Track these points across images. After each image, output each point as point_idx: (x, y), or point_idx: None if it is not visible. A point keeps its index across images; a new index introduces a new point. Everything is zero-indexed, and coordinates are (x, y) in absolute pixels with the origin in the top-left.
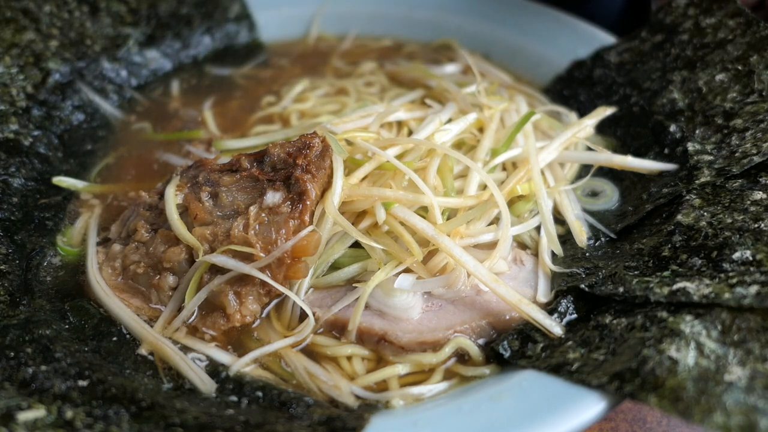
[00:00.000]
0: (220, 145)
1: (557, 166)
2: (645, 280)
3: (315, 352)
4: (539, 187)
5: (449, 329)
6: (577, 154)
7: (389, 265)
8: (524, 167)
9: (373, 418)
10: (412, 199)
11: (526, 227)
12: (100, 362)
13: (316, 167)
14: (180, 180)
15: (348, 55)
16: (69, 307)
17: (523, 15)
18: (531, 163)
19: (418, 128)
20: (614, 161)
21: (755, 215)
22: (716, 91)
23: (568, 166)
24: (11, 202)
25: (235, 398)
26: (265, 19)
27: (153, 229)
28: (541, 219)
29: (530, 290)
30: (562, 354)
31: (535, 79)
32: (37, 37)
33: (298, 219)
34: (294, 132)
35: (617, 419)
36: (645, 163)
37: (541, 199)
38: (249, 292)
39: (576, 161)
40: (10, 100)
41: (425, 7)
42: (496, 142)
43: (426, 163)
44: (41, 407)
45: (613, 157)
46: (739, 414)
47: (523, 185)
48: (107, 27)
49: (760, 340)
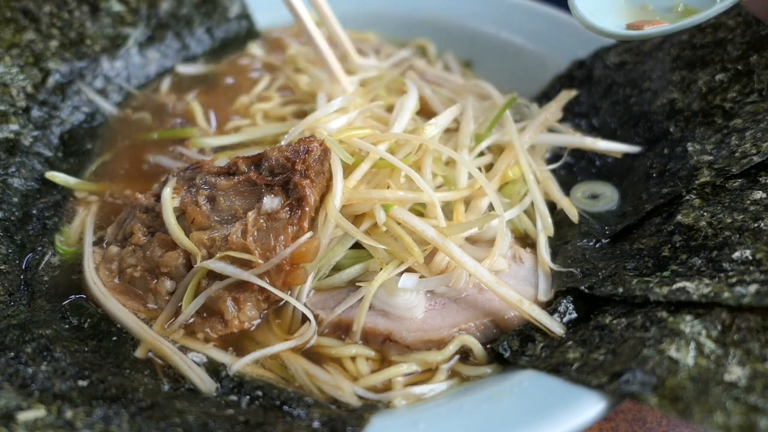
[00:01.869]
0: (197, 143)
1: (533, 149)
2: (645, 280)
3: (320, 353)
4: (526, 167)
5: (453, 327)
6: (552, 137)
7: (391, 265)
8: (510, 151)
9: (374, 418)
10: (412, 198)
11: (520, 208)
12: (100, 362)
13: (315, 172)
14: (176, 182)
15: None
16: (68, 306)
17: (523, 15)
18: (515, 145)
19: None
20: (585, 143)
21: (755, 215)
22: (716, 91)
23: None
24: (11, 202)
25: (235, 398)
26: (265, 20)
27: (150, 233)
28: (532, 197)
29: (530, 288)
30: (562, 354)
31: (535, 79)
32: (37, 37)
33: (296, 225)
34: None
35: (617, 419)
36: (612, 144)
37: (529, 175)
38: (247, 298)
39: (551, 144)
40: (10, 100)
41: (425, 8)
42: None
43: (419, 157)
44: (41, 407)
45: (584, 140)
46: (739, 414)
47: (512, 169)
48: (107, 27)
49: (760, 340)
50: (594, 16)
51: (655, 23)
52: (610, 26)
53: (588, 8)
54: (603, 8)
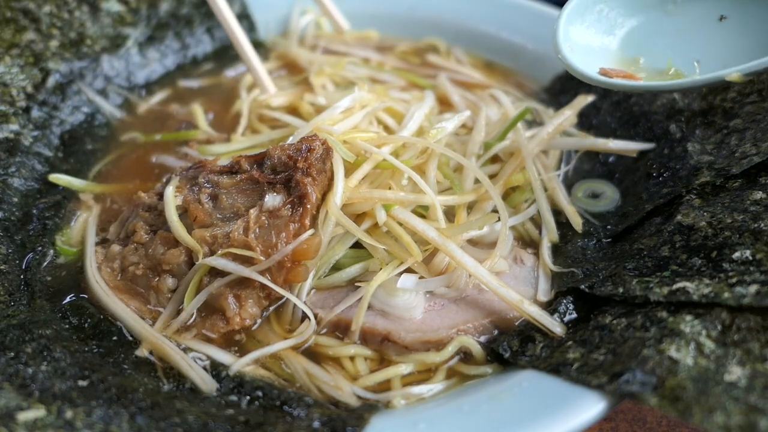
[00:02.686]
0: (205, 150)
1: (542, 155)
2: (645, 280)
3: (318, 352)
4: (533, 176)
5: (452, 328)
6: (564, 141)
7: (391, 264)
8: (517, 157)
9: (373, 418)
10: (414, 199)
11: (525, 216)
12: (100, 362)
13: (317, 170)
14: (179, 181)
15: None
16: (69, 307)
17: (523, 15)
18: (523, 153)
19: (403, 123)
20: (597, 145)
21: (755, 215)
22: (716, 91)
23: (550, 156)
24: (11, 202)
25: (235, 398)
26: (265, 19)
27: (152, 231)
28: (538, 206)
29: (531, 289)
30: (562, 354)
31: (535, 79)
32: (37, 37)
33: (298, 222)
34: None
35: (617, 419)
36: (624, 144)
37: (536, 183)
38: (249, 295)
39: (562, 148)
40: (10, 100)
41: (425, 8)
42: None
43: (423, 161)
44: (41, 407)
45: (596, 141)
46: (739, 414)
47: (517, 176)
48: (107, 27)
49: (760, 340)
50: (574, 52)
51: (628, 76)
52: (581, 65)
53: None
54: (590, 48)
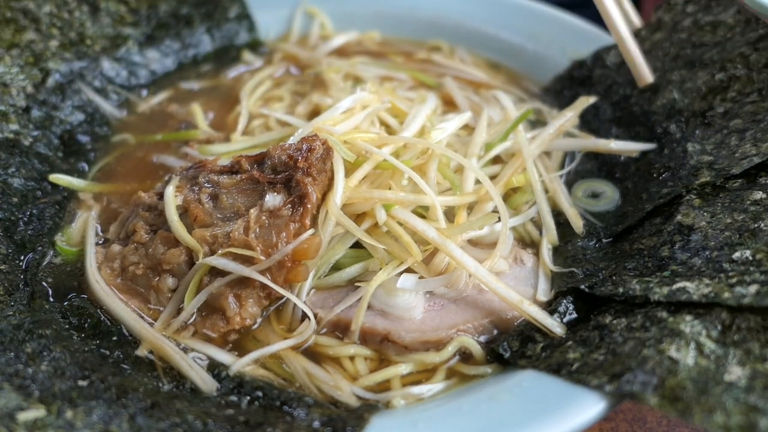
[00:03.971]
0: (206, 150)
1: (545, 156)
2: (645, 280)
3: (318, 352)
4: (534, 177)
5: (452, 328)
6: (566, 142)
7: (391, 264)
8: (518, 158)
9: (373, 418)
10: (414, 200)
11: (525, 218)
12: (100, 362)
13: (318, 170)
14: (179, 181)
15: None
16: (69, 306)
17: (523, 15)
18: (523, 154)
19: (405, 124)
20: (599, 145)
21: (755, 215)
22: (716, 91)
23: (553, 157)
24: (11, 202)
25: (235, 398)
26: (265, 19)
27: (152, 230)
28: (538, 208)
29: (530, 289)
30: (562, 354)
31: (535, 79)
32: (37, 37)
33: (298, 222)
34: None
35: (617, 419)
36: (626, 144)
37: (536, 185)
38: (249, 294)
39: (564, 149)
40: (10, 100)
41: (425, 8)
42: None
43: (423, 161)
44: (41, 407)
45: (597, 142)
46: (739, 414)
47: (517, 177)
48: (107, 27)
49: (760, 340)
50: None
51: None
52: None
53: None
54: None
